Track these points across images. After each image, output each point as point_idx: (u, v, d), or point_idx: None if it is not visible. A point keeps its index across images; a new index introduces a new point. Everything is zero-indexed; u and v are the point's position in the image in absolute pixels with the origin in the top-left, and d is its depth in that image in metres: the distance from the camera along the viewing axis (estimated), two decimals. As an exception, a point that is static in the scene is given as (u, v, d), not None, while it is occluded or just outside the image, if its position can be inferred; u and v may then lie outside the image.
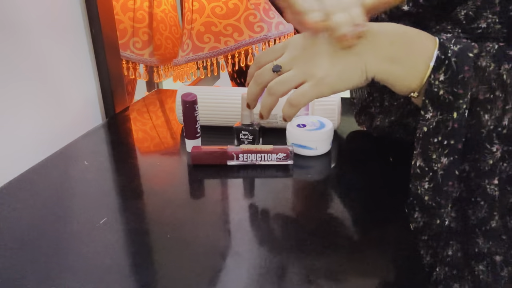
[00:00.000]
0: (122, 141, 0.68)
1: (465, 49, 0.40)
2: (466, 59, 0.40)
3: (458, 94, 0.40)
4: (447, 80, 0.40)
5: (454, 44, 0.40)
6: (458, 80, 0.40)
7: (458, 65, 0.40)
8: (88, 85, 0.75)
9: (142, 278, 0.37)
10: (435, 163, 0.42)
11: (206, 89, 0.69)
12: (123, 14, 0.93)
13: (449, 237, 0.47)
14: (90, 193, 0.51)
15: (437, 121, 0.41)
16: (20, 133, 0.60)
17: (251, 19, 0.93)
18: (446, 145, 0.42)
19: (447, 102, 0.41)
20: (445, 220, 0.45)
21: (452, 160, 0.42)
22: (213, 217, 0.46)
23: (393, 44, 0.41)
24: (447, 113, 0.41)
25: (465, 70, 0.40)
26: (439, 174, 0.43)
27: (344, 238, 0.42)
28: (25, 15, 0.59)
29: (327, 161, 0.59)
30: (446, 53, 0.40)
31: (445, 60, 0.40)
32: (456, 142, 0.41)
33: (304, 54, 0.43)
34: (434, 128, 0.42)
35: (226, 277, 0.37)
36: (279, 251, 0.40)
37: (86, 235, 0.43)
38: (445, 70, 0.40)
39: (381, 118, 0.52)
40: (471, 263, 0.47)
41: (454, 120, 0.41)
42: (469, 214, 0.45)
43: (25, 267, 0.38)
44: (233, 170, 0.56)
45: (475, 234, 0.46)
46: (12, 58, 0.57)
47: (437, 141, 0.42)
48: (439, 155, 0.42)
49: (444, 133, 0.41)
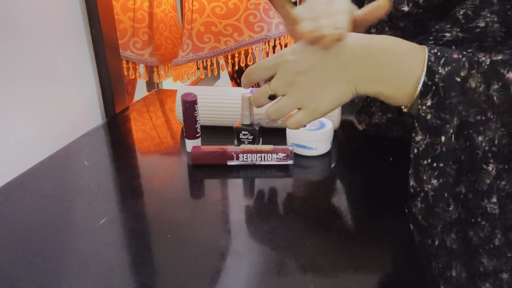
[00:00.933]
0: (122, 141, 0.68)
1: (453, 73, 0.39)
2: (453, 84, 0.40)
3: (445, 119, 0.40)
4: (434, 105, 0.40)
5: (442, 66, 0.40)
6: (445, 105, 0.40)
7: (445, 90, 0.40)
8: (88, 85, 0.75)
9: (142, 278, 0.37)
10: (426, 184, 0.43)
11: (206, 89, 0.69)
12: (123, 14, 0.93)
13: (451, 258, 0.47)
14: (90, 193, 0.51)
15: (426, 144, 0.42)
16: (20, 133, 0.60)
17: (251, 19, 0.93)
18: (436, 167, 0.42)
19: (434, 126, 0.41)
20: (435, 240, 0.46)
21: (442, 183, 0.43)
22: (213, 217, 0.46)
23: (381, 68, 0.42)
24: (435, 137, 0.41)
25: (452, 96, 0.40)
26: (430, 195, 0.43)
27: (344, 238, 0.42)
28: (25, 15, 0.59)
29: (327, 161, 0.59)
30: (433, 79, 0.40)
31: (432, 86, 0.40)
32: (445, 165, 0.42)
33: (298, 82, 0.43)
34: (424, 151, 0.42)
35: (226, 277, 0.37)
36: (279, 251, 0.40)
37: (86, 235, 0.43)
38: (432, 95, 0.40)
39: (379, 116, 0.53)
40: (477, 283, 0.47)
41: (442, 144, 0.41)
42: (470, 235, 0.46)
43: (25, 267, 0.38)
44: (233, 170, 0.56)
45: (479, 254, 0.46)
46: (12, 58, 0.57)
47: (426, 163, 0.42)
48: (429, 177, 0.43)
49: (433, 156, 0.42)
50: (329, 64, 0.42)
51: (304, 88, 0.43)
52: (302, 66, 0.42)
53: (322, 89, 0.43)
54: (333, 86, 0.43)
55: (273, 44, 0.95)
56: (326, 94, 0.43)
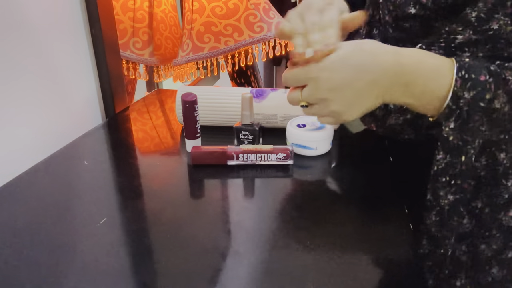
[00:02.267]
0: (122, 141, 0.68)
1: (478, 97, 0.40)
2: (478, 109, 0.41)
3: (467, 141, 0.42)
4: (457, 128, 0.42)
5: (468, 90, 0.40)
6: (468, 128, 0.41)
7: (469, 114, 0.41)
8: (88, 85, 0.75)
9: (142, 278, 0.37)
10: (442, 200, 0.45)
11: (206, 89, 0.69)
12: (123, 14, 0.93)
13: (457, 270, 0.49)
14: (90, 193, 0.51)
15: (446, 163, 0.43)
16: (20, 133, 0.60)
17: (251, 19, 0.93)
18: (453, 184, 0.44)
19: (456, 147, 0.42)
20: (448, 250, 0.47)
21: (458, 198, 0.44)
22: (213, 217, 0.46)
23: (409, 85, 0.42)
24: (455, 157, 0.43)
25: (475, 119, 0.41)
26: (445, 209, 0.45)
27: (344, 238, 0.42)
28: (25, 15, 0.59)
29: (327, 161, 0.59)
30: (458, 103, 0.41)
31: (456, 110, 0.41)
32: (462, 182, 0.43)
33: (329, 98, 0.44)
34: (443, 169, 0.44)
35: (226, 277, 0.37)
36: (279, 251, 0.40)
37: (86, 235, 0.43)
38: (455, 118, 0.41)
39: (397, 116, 0.53)
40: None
41: (462, 163, 0.42)
42: (482, 248, 0.47)
43: (25, 267, 0.38)
44: (233, 170, 0.56)
45: (490, 265, 0.48)
46: (12, 58, 0.57)
47: (444, 180, 0.44)
48: (446, 192, 0.44)
49: (452, 174, 0.43)
50: (360, 82, 0.42)
51: (335, 104, 0.44)
52: (333, 83, 0.43)
53: (353, 104, 0.44)
54: (363, 101, 0.44)
55: (273, 44, 0.95)
56: (355, 108, 0.44)
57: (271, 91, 0.67)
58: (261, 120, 0.66)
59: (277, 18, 0.97)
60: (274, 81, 2.67)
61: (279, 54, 0.96)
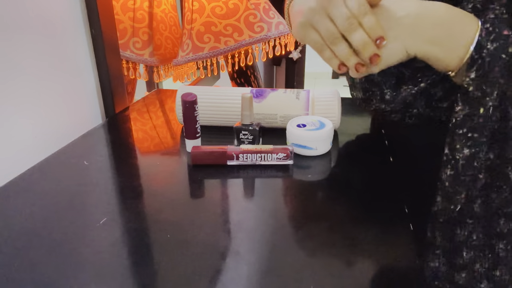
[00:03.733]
0: (122, 141, 0.68)
1: (500, 49, 0.41)
2: (498, 60, 0.41)
3: (486, 92, 0.42)
4: (477, 79, 0.42)
5: (492, 41, 0.41)
6: (488, 79, 0.42)
7: (490, 65, 0.42)
8: (88, 85, 0.75)
9: (142, 278, 0.37)
10: (457, 153, 0.45)
11: (206, 89, 0.69)
12: (123, 14, 0.93)
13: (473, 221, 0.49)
14: (90, 193, 0.51)
15: (464, 115, 0.44)
16: (20, 133, 0.60)
17: (251, 19, 0.93)
18: (470, 137, 0.44)
19: (475, 98, 0.43)
20: (458, 206, 0.47)
21: (473, 152, 0.45)
22: (213, 217, 0.46)
23: (435, 26, 0.43)
24: (474, 108, 0.43)
25: (496, 70, 0.42)
26: (460, 163, 0.45)
27: (344, 238, 0.42)
28: (25, 15, 0.59)
29: (327, 161, 0.59)
30: (481, 53, 0.42)
31: (478, 60, 0.42)
32: (479, 136, 0.44)
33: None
34: (461, 121, 0.44)
35: (226, 277, 0.37)
36: (279, 251, 0.40)
37: (86, 235, 0.43)
38: (477, 68, 0.42)
39: (410, 87, 0.53)
40: (492, 242, 0.49)
41: (480, 116, 0.43)
42: (493, 197, 0.47)
43: (25, 267, 0.38)
44: (233, 170, 0.56)
45: (498, 215, 0.48)
46: (11, 58, 0.57)
47: (462, 132, 0.44)
48: (462, 146, 0.45)
49: (469, 126, 0.44)
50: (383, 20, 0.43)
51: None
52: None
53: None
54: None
55: (273, 44, 0.95)
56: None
57: (271, 91, 0.67)
58: (261, 120, 0.66)
59: (277, 18, 0.97)
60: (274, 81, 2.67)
61: (279, 54, 0.96)
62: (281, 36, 0.95)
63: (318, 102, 0.65)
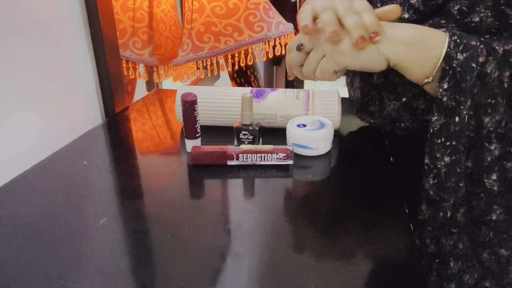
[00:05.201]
0: (122, 141, 0.68)
1: (470, 59, 0.42)
2: (470, 69, 0.42)
3: (460, 101, 0.43)
4: (450, 89, 0.43)
5: (461, 52, 0.43)
6: (461, 88, 0.43)
7: (461, 75, 0.43)
8: (88, 85, 0.75)
9: (142, 278, 0.37)
10: (438, 161, 0.46)
11: (206, 89, 0.69)
12: (123, 14, 0.93)
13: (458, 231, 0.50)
14: (90, 193, 0.51)
15: (441, 124, 0.45)
16: (20, 133, 0.59)
17: (251, 19, 0.93)
18: (449, 145, 0.45)
19: (449, 108, 0.44)
20: (447, 213, 0.48)
21: (454, 159, 0.45)
22: (213, 217, 0.46)
23: (407, 28, 0.45)
24: (449, 117, 0.44)
25: (467, 79, 0.43)
26: (442, 171, 0.46)
27: (343, 238, 0.42)
28: (25, 15, 0.59)
29: (327, 161, 0.59)
30: (451, 64, 0.43)
31: (449, 71, 0.43)
32: (457, 143, 0.45)
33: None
34: (438, 131, 0.45)
35: (226, 277, 0.37)
36: (279, 251, 0.40)
37: (86, 235, 0.43)
38: (449, 79, 0.43)
39: (393, 104, 0.54)
40: (478, 251, 0.50)
41: (456, 124, 0.44)
42: (473, 205, 0.48)
43: (25, 267, 0.38)
44: (233, 170, 0.56)
45: (479, 224, 0.49)
46: (11, 58, 0.57)
47: (440, 142, 0.45)
48: (442, 154, 0.46)
49: (447, 135, 0.45)
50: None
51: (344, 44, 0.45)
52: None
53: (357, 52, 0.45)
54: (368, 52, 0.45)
55: (273, 44, 0.95)
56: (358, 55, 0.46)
57: (271, 91, 0.67)
58: (261, 120, 0.66)
59: (277, 17, 0.97)
60: (274, 81, 2.67)
61: (279, 54, 0.96)
62: (281, 36, 0.95)
63: (318, 102, 0.65)
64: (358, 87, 0.60)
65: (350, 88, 0.65)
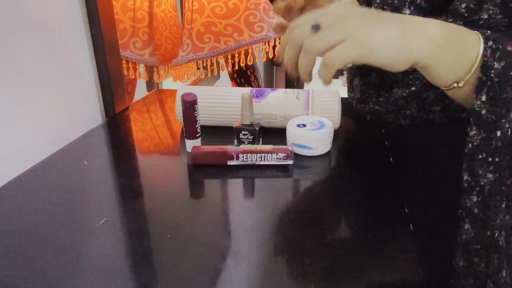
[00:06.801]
0: (122, 141, 0.68)
1: (508, 67, 0.39)
2: (509, 79, 0.39)
3: (501, 114, 0.40)
4: (489, 101, 0.40)
5: (498, 60, 0.39)
6: (501, 100, 0.40)
7: (500, 85, 0.39)
8: (88, 85, 0.75)
9: (142, 278, 0.37)
10: (481, 179, 0.43)
11: (206, 89, 0.69)
12: (123, 14, 0.93)
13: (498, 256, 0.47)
14: (90, 193, 0.51)
15: (481, 139, 0.41)
16: (20, 133, 0.60)
17: (251, 19, 0.93)
18: (491, 162, 0.42)
19: (489, 122, 0.40)
20: (495, 233, 0.45)
21: (498, 177, 0.42)
22: (213, 217, 0.46)
23: (443, 28, 0.40)
24: (490, 132, 0.41)
25: (507, 90, 0.39)
26: (486, 189, 0.43)
27: (343, 238, 0.42)
28: (25, 15, 0.59)
29: (327, 161, 0.59)
30: (489, 74, 0.39)
31: (487, 81, 0.39)
32: (500, 160, 0.41)
33: (349, 14, 0.40)
34: (478, 146, 0.42)
35: (226, 277, 0.37)
36: (279, 251, 0.40)
37: (86, 235, 0.43)
38: (487, 90, 0.40)
39: (402, 89, 0.52)
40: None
41: (498, 139, 0.41)
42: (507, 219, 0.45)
43: (25, 267, 0.38)
44: (233, 170, 0.56)
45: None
46: (11, 59, 0.57)
47: (481, 157, 0.42)
48: (484, 171, 0.42)
49: (488, 151, 0.41)
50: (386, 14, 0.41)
51: (355, 18, 0.40)
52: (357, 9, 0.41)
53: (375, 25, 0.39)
54: (389, 28, 0.39)
55: (273, 44, 0.95)
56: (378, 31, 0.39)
57: (271, 91, 0.67)
58: (261, 120, 0.66)
59: (277, 18, 0.97)
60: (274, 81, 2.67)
61: (279, 54, 0.96)
62: (281, 36, 0.95)
63: (318, 102, 0.65)
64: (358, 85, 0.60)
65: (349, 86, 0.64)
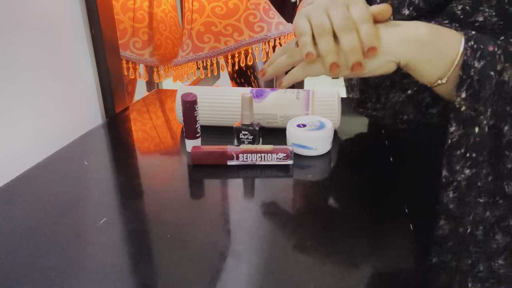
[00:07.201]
0: (122, 141, 0.68)
1: (487, 67, 0.40)
2: (488, 78, 0.40)
3: (479, 111, 0.41)
4: (468, 98, 0.41)
5: (478, 59, 0.40)
6: (480, 98, 0.41)
7: (480, 84, 0.41)
8: (88, 85, 0.75)
9: (142, 278, 0.37)
10: (458, 174, 0.44)
11: (206, 89, 0.69)
12: (123, 14, 0.93)
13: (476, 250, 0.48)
14: (90, 193, 0.51)
15: (460, 135, 0.43)
16: (20, 133, 0.60)
17: (251, 19, 0.93)
18: (468, 157, 0.43)
19: (468, 118, 0.42)
20: (467, 228, 0.46)
21: (474, 172, 0.43)
22: (213, 217, 0.46)
23: (419, 26, 0.42)
24: (469, 128, 0.42)
25: (486, 88, 0.41)
26: (462, 185, 0.44)
27: (343, 238, 0.42)
28: (25, 15, 0.59)
29: (327, 161, 0.59)
30: (469, 72, 0.41)
31: (467, 79, 0.41)
32: (478, 155, 0.43)
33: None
34: (457, 142, 0.43)
35: (226, 277, 0.37)
36: (279, 251, 0.40)
37: (86, 235, 0.43)
38: (466, 88, 0.41)
39: (398, 94, 0.52)
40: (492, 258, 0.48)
41: (476, 135, 0.42)
42: (487, 216, 0.47)
43: (25, 267, 0.38)
44: (233, 170, 0.56)
45: (494, 232, 0.47)
46: (11, 59, 0.57)
47: (459, 153, 0.43)
48: (462, 167, 0.44)
49: (466, 146, 0.43)
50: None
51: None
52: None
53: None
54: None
55: (273, 44, 0.95)
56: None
57: (271, 91, 0.67)
58: (261, 120, 0.66)
59: (277, 18, 0.97)
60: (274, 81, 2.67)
61: (279, 54, 0.96)
62: (281, 36, 0.95)
63: (318, 102, 0.65)
64: (356, 85, 0.60)
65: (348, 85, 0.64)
